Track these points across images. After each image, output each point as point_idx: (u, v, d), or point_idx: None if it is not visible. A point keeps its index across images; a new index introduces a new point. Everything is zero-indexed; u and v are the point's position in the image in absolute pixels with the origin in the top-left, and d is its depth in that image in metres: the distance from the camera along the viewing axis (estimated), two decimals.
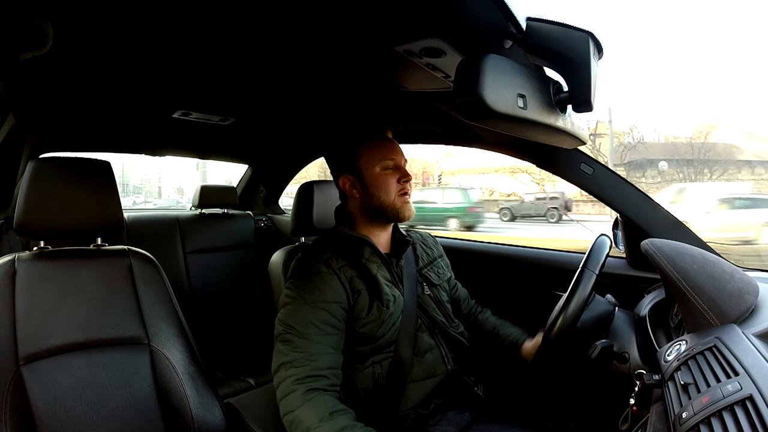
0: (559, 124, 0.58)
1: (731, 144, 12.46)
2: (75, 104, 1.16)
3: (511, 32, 0.57)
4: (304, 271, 0.85)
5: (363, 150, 0.91)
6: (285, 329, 0.79)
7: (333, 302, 0.82)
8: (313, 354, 0.76)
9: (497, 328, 1.05)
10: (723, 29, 15.65)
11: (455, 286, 1.11)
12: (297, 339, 0.77)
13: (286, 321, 0.80)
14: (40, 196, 0.85)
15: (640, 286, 1.02)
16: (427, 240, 1.10)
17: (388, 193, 0.89)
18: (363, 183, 0.90)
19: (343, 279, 0.84)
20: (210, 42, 0.77)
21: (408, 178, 0.91)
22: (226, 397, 0.95)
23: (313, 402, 0.71)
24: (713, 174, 11.28)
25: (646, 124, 19.14)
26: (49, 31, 0.67)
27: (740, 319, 0.60)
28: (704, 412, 0.45)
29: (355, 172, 0.91)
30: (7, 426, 0.71)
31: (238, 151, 2.02)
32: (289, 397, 0.73)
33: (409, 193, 0.91)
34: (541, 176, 15.63)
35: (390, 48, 0.70)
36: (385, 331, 0.85)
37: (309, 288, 0.82)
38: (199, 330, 1.13)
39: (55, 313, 0.82)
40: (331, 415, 0.69)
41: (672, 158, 12.00)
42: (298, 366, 0.75)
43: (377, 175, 0.89)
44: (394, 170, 0.90)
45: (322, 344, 0.78)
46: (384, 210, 0.89)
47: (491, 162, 17.64)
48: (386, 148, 0.91)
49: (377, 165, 0.89)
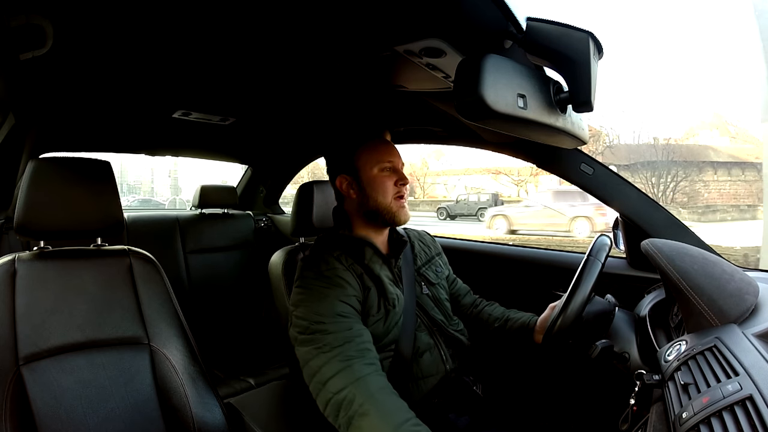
0: (559, 124, 0.58)
1: (707, 146, 12.50)
2: (75, 104, 1.16)
3: (511, 32, 0.57)
4: (318, 269, 0.84)
5: (362, 151, 0.90)
6: (310, 323, 0.75)
7: (352, 296, 0.81)
8: (351, 336, 0.73)
9: (506, 314, 1.03)
10: (715, 29, 15.73)
11: (455, 282, 1.10)
12: (329, 325, 0.74)
13: (308, 315, 0.76)
14: (40, 196, 0.85)
15: (640, 286, 1.02)
16: (425, 238, 1.10)
17: (384, 195, 0.89)
18: (360, 184, 0.90)
19: (356, 275, 0.85)
20: (210, 42, 0.77)
21: (405, 182, 0.91)
22: (226, 397, 0.95)
23: (369, 379, 0.68)
24: (677, 177, 11.23)
25: (625, 126, 19.11)
26: (49, 31, 0.67)
27: (740, 319, 0.60)
28: (704, 412, 0.45)
29: (353, 173, 0.91)
30: (7, 426, 0.71)
31: (238, 151, 2.02)
32: (338, 377, 0.68)
33: (405, 196, 0.91)
34: (519, 177, 16.00)
35: (390, 48, 0.70)
36: (389, 330, 0.85)
37: (328, 283, 0.80)
38: (199, 330, 1.13)
39: (55, 313, 0.82)
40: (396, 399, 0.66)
41: (636, 162, 12.03)
42: (337, 345, 0.71)
43: (374, 177, 0.89)
44: (391, 172, 0.90)
45: (353, 326, 0.75)
46: (380, 212, 0.89)
47: (474, 163, 17.86)
48: (385, 150, 0.91)
49: (375, 166, 0.89)
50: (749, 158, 11.71)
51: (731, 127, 13.09)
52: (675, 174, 11.25)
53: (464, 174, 18.64)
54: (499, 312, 1.05)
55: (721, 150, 12.14)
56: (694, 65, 17.31)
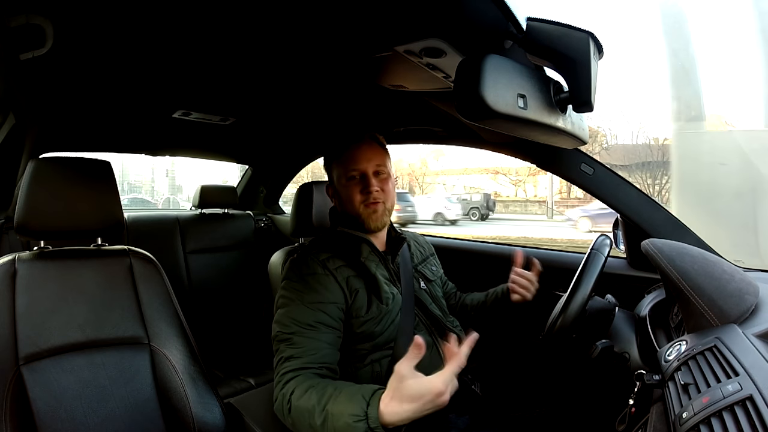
0: (559, 124, 0.58)
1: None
2: (75, 104, 1.16)
3: (511, 32, 0.57)
4: (299, 272, 0.86)
5: (334, 162, 0.97)
6: (282, 329, 0.80)
7: (329, 303, 0.82)
8: (310, 349, 0.77)
9: (481, 296, 1.10)
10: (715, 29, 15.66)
11: (446, 282, 1.15)
12: (294, 337, 0.78)
13: (282, 321, 0.81)
14: (40, 196, 0.85)
15: (640, 286, 1.02)
16: (419, 239, 1.16)
17: (351, 204, 0.92)
18: (337, 193, 0.97)
19: (339, 279, 0.86)
20: (210, 42, 0.77)
21: (369, 190, 0.91)
22: (226, 397, 0.95)
23: (312, 387, 0.71)
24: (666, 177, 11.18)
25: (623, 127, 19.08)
26: (49, 31, 0.67)
27: (740, 319, 0.60)
28: (704, 413, 0.45)
29: (331, 182, 0.99)
30: (7, 426, 0.71)
31: (239, 151, 2.03)
32: (286, 386, 0.74)
33: (378, 201, 0.92)
34: (517, 177, 16.01)
35: (390, 48, 0.70)
36: (384, 329, 0.86)
37: (305, 289, 0.83)
38: (199, 330, 1.13)
39: (56, 313, 0.82)
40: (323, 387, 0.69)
41: (631, 163, 12.04)
42: (296, 358, 0.76)
43: (343, 186, 0.94)
44: (358, 181, 0.92)
45: (320, 341, 0.79)
46: (353, 217, 0.93)
47: (473, 163, 17.86)
48: (352, 159, 0.93)
49: (342, 177, 0.94)
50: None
51: (730, 128, 13.08)
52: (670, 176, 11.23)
53: (463, 174, 18.70)
54: (476, 297, 1.12)
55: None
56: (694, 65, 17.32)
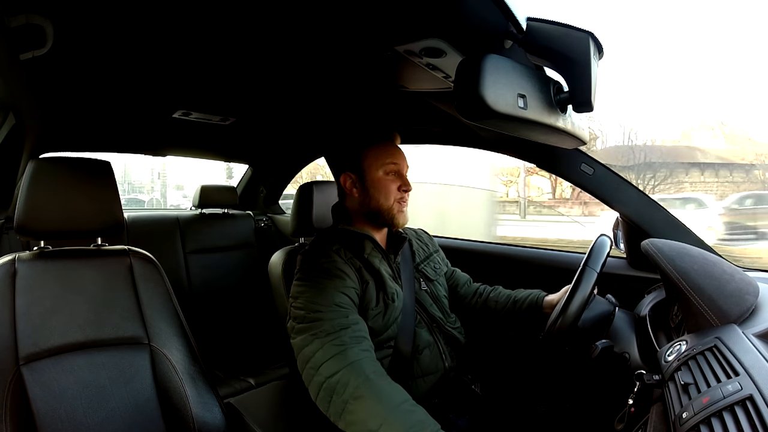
0: (559, 125, 0.58)
1: (695, 147, 12.49)
2: (75, 104, 1.16)
3: (511, 32, 0.57)
4: (318, 261, 0.84)
5: (369, 151, 0.91)
6: (307, 312, 0.75)
7: (350, 287, 0.81)
8: (347, 323, 0.74)
9: (512, 296, 1.03)
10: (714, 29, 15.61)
11: (453, 273, 1.11)
12: (326, 314, 0.74)
13: (306, 305, 0.77)
14: (40, 196, 0.85)
15: (640, 286, 1.02)
16: (422, 236, 1.12)
17: (387, 198, 0.90)
18: (364, 184, 0.91)
19: (354, 268, 0.85)
20: (210, 42, 0.77)
21: (408, 188, 0.92)
22: (226, 397, 0.95)
23: (363, 363, 0.68)
24: (655, 178, 11.19)
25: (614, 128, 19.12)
26: (49, 31, 0.67)
27: (740, 319, 0.60)
28: (704, 413, 0.45)
29: (358, 172, 0.92)
30: (7, 426, 0.71)
31: (239, 151, 2.02)
32: (331, 361, 0.68)
33: (406, 201, 0.92)
34: (508, 178, 16.09)
35: (390, 48, 0.70)
36: (387, 325, 0.85)
37: (327, 275, 0.81)
38: (199, 330, 1.13)
39: (56, 313, 0.82)
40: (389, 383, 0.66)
41: (615, 164, 12.11)
42: (333, 332, 0.71)
43: (379, 179, 0.90)
44: (396, 176, 0.91)
45: (353, 315, 0.76)
46: (380, 213, 0.91)
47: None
48: (392, 153, 0.92)
49: (380, 168, 0.90)
50: (735, 159, 11.71)
51: (726, 129, 13.09)
52: (653, 175, 11.27)
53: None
54: (505, 296, 1.04)
55: (708, 152, 12.17)
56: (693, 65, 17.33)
